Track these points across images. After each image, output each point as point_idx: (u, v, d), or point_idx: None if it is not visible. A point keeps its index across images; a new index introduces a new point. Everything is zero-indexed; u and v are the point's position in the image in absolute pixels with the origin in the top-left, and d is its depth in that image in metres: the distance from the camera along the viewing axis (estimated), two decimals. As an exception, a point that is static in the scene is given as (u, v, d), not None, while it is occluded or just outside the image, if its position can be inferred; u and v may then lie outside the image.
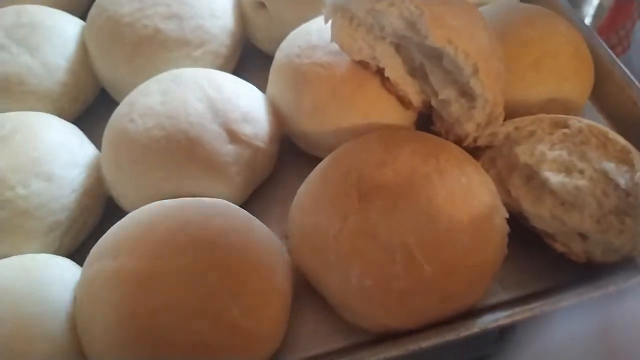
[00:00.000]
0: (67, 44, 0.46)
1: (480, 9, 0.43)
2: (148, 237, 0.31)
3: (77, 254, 0.39)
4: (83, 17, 0.49)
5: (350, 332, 0.35)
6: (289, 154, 0.44)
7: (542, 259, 0.36)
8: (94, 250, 0.33)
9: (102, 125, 0.42)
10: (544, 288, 0.36)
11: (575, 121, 0.34)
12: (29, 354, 0.30)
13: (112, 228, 0.34)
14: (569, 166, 0.33)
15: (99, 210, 0.41)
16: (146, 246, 0.30)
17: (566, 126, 0.34)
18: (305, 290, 0.36)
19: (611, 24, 0.57)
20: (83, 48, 0.47)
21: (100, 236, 0.39)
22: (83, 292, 0.32)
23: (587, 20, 0.62)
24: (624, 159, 0.32)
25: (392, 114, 0.39)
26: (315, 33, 0.41)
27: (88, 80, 0.47)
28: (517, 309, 0.32)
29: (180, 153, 0.36)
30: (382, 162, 0.33)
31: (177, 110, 0.37)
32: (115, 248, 0.31)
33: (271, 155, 0.41)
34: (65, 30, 0.47)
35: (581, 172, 0.33)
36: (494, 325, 0.32)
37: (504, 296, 0.36)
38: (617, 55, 0.42)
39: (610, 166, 0.31)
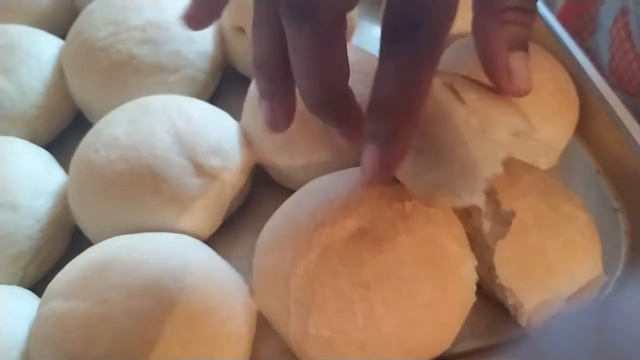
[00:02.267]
0: (44, 66, 0.45)
1: (461, 40, 0.42)
2: (101, 279, 0.30)
3: (43, 284, 0.39)
4: (65, 36, 0.48)
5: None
6: (263, 184, 0.43)
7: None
8: (49, 288, 0.32)
9: (75, 149, 0.42)
10: (517, 335, 0.35)
11: None
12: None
13: (67, 266, 0.33)
14: None
15: (66, 239, 0.40)
16: (98, 288, 0.30)
17: None
18: (269, 332, 0.35)
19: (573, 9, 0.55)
20: (60, 70, 0.46)
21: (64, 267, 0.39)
22: (36, 331, 0.31)
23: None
24: None
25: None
26: (290, 62, 0.40)
27: (64, 103, 0.46)
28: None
29: (143, 187, 0.36)
30: (346, 205, 0.32)
31: (143, 142, 0.36)
32: (67, 288, 0.30)
33: (241, 187, 0.40)
34: (43, 51, 0.46)
35: None
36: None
37: (473, 343, 0.34)
38: (584, 40, 0.40)
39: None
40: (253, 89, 0.41)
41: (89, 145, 0.38)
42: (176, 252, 0.33)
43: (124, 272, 0.30)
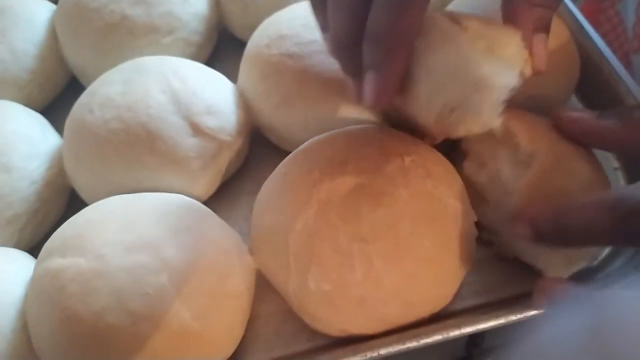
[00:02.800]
0: (36, 30, 0.45)
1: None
2: (97, 235, 0.30)
3: (40, 247, 0.38)
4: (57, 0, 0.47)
5: (312, 334, 0.34)
6: (260, 147, 0.42)
7: (513, 264, 0.35)
8: (45, 247, 0.32)
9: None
10: (514, 294, 0.35)
11: None
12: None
13: (63, 225, 0.33)
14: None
15: (62, 202, 0.40)
16: (94, 245, 0.29)
17: None
18: (268, 290, 0.35)
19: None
20: (53, 34, 0.45)
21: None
22: (32, 290, 0.31)
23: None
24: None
25: (364, 110, 0.37)
26: (285, 22, 0.39)
27: (58, 67, 0.45)
28: (482, 317, 0.31)
29: (139, 146, 0.35)
30: (344, 161, 0.31)
31: (138, 101, 0.36)
32: (64, 246, 0.30)
33: (238, 149, 0.39)
34: (36, 15, 0.45)
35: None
36: (457, 332, 0.31)
37: (471, 301, 0.34)
38: (613, 4, 0.40)
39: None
40: (250, 47, 0.41)
41: (83, 105, 0.37)
42: (173, 210, 0.32)
43: (120, 229, 0.30)
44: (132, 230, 0.30)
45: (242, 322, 0.32)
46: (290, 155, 0.35)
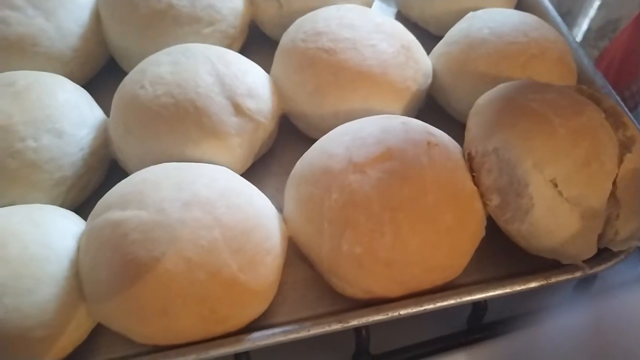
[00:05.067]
0: (81, 11, 0.47)
1: (474, 13, 0.46)
2: (156, 191, 0.33)
3: (78, 212, 0.41)
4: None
5: (335, 299, 0.37)
6: (287, 134, 0.46)
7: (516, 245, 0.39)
8: (101, 203, 0.35)
9: (107, 92, 0.44)
10: (517, 271, 0.39)
11: None
12: (33, 292, 0.32)
13: (118, 185, 0.36)
14: None
15: (102, 171, 0.43)
16: (154, 200, 0.33)
17: None
18: (294, 259, 0.39)
19: (621, 78, 0.58)
20: (96, 16, 0.48)
21: (101, 197, 0.42)
22: (90, 239, 0.34)
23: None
24: None
25: (391, 102, 0.42)
26: (321, 21, 0.44)
27: (98, 47, 0.48)
28: (490, 286, 0.35)
29: (187, 120, 0.38)
30: (377, 142, 0.35)
31: (187, 80, 0.39)
32: (124, 200, 0.33)
33: (271, 131, 0.43)
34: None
35: None
36: (468, 298, 0.35)
37: (478, 277, 0.39)
38: (631, 110, 0.44)
39: None
40: (286, 40, 0.45)
41: (134, 82, 0.41)
42: (220, 177, 0.36)
43: (177, 188, 0.33)
44: (188, 190, 0.33)
45: (276, 282, 0.35)
46: (324, 136, 0.39)
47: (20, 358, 0.32)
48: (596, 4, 0.76)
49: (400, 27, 0.45)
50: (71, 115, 0.40)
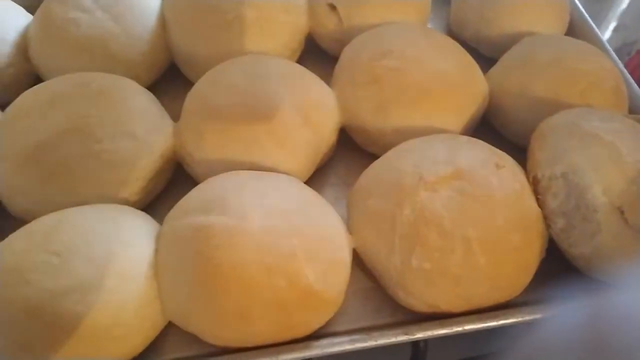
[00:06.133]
0: (148, 16, 0.49)
1: (531, 37, 0.48)
2: (236, 200, 0.34)
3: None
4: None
5: (394, 310, 0.39)
6: (343, 146, 0.47)
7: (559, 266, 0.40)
8: (181, 206, 0.36)
9: (167, 97, 0.45)
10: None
11: None
12: (115, 290, 0.33)
13: (196, 190, 0.37)
14: None
15: (169, 174, 0.44)
16: (235, 207, 0.34)
17: None
18: (354, 270, 0.40)
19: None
20: (162, 21, 0.49)
21: (166, 199, 0.43)
22: (171, 241, 0.35)
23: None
24: None
25: (451, 121, 0.43)
26: (386, 39, 0.45)
27: (163, 52, 0.50)
28: (542, 307, 0.36)
29: (260, 129, 0.40)
30: (446, 161, 0.37)
31: (260, 90, 0.41)
32: (206, 206, 0.34)
33: (332, 143, 0.44)
34: (148, 3, 0.50)
35: None
36: (529, 318, 0.36)
37: (526, 297, 0.39)
38: None
39: None
40: (349, 56, 0.46)
41: (206, 89, 0.42)
42: (294, 187, 0.37)
43: (257, 196, 0.34)
44: (266, 198, 0.35)
45: (344, 291, 0.36)
46: (390, 152, 0.40)
47: (97, 354, 0.33)
48: (612, 26, 0.78)
49: (460, 48, 0.47)
50: (143, 118, 0.41)
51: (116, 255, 0.34)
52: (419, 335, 0.35)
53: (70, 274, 0.32)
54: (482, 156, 0.37)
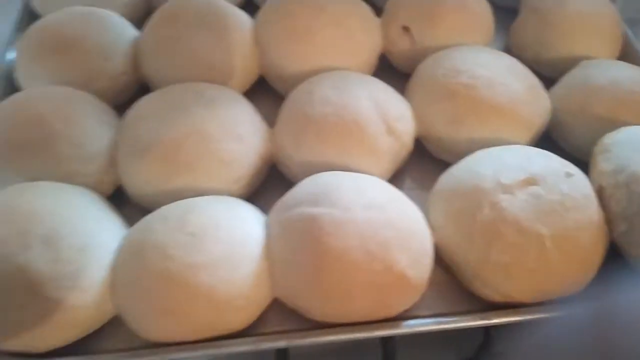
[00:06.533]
0: (245, 32, 0.55)
1: (589, 61, 0.53)
2: (339, 195, 0.40)
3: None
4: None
5: (463, 300, 0.43)
6: (416, 155, 0.52)
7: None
8: (289, 199, 0.42)
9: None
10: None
11: None
12: (238, 268, 0.38)
13: (301, 185, 0.43)
14: None
15: (264, 175, 0.49)
16: (340, 201, 0.39)
17: None
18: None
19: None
20: (255, 39, 0.55)
21: (261, 197, 0.48)
22: (285, 228, 0.40)
23: None
24: None
25: (519, 134, 0.48)
26: (459, 59, 0.51)
27: (255, 66, 0.55)
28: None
29: (351, 137, 0.45)
30: (521, 168, 0.42)
31: (350, 103, 0.46)
32: (314, 199, 0.40)
33: (409, 151, 0.50)
34: (242, 21, 0.56)
35: None
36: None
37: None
38: None
39: None
40: (424, 73, 0.51)
41: (303, 100, 0.48)
42: (384, 186, 0.42)
43: (355, 192, 0.40)
44: (364, 194, 0.40)
45: (428, 279, 0.41)
46: (469, 158, 0.45)
47: (222, 321, 0.38)
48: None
49: (526, 69, 0.52)
50: (247, 124, 0.47)
51: (238, 237, 0.39)
52: (495, 320, 0.40)
53: (204, 252, 0.38)
54: (553, 165, 0.42)
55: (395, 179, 0.51)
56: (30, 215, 0.39)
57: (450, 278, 0.44)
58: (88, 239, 0.39)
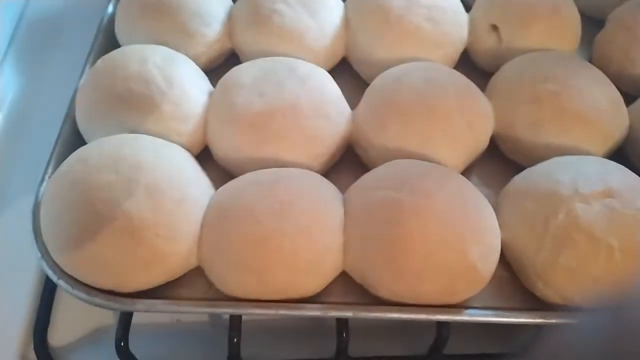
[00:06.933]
0: (336, 15, 0.57)
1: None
2: (422, 182, 0.42)
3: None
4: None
5: (522, 297, 0.45)
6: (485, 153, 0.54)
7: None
8: (368, 180, 0.44)
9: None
10: None
11: None
12: (319, 238, 0.41)
13: (382, 169, 0.45)
14: None
15: (341, 154, 0.52)
16: (422, 188, 0.41)
17: None
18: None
19: None
20: (346, 22, 0.57)
21: (333, 174, 0.50)
22: (362, 207, 0.43)
23: None
24: None
25: (597, 145, 0.49)
26: (547, 65, 0.51)
27: (341, 48, 0.58)
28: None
29: (434, 128, 0.47)
30: (600, 179, 0.43)
31: (437, 94, 0.48)
32: (395, 185, 0.42)
33: (484, 148, 0.51)
34: (336, 3, 0.58)
35: None
36: None
37: None
38: None
39: None
40: (508, 75, 0.52)
41: (389, 88, 0.50)
42: (463, 181, 0.45)
43: (439, 183, 0.42)
44: (445, 185, 0.42)
45: (493, 272, 0.43)
46: (547, 162, 0.46)
47: (297, 286, 0.41)
48: None
49: (610, 83, 0.52)
50: (335, 103, 0.50)
51: (320, 210, 0.42)
52: (554, 320, 0.42)
53: (290, 220, 0.40)
54: (630, 181, 0.43)
55: (466, 173, 0.53)
56: (135, 165, 0.42)
57: (508, 275, 0.46)
58: (183, 193, 0.43)
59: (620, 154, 0.53)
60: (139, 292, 0.42)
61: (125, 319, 0.42)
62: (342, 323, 0.43)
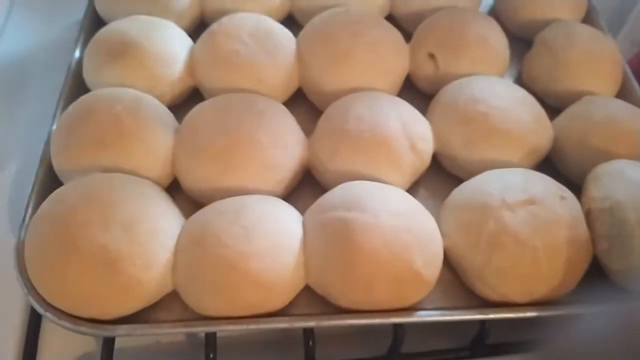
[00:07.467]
0: (288, 51, 0.62)
1: (590, 97, 0.60)
2: (369, 202, 0.47)
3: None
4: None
5: (467, 297, 0.51)
6: (431, 169, 0.60)
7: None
8: (323, 202, 0.49)
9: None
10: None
11: None
12: (281, 258, 0.46)
13: (335, 191, 0.50)
14: None
15: (300, 178, 0.57)
16: (371, 208, 0.47)
17: None
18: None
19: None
20: (298, 57, 0.63)
21: (295, 197, 0.56)
22: (321, 228, 0.47)
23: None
24: None
25: (525, 159, 0.55)
26: (477, 88, 0.58)
27: (295, 81, 0.63)
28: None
29: (380, 152, 0.53)
30: (523, 189, 0.49)
31: (381, 122, 0.54)
32: (347, 205, 0.47)
33: (427, 166, 0.57)
34: (287, 45, 0.63)
35: None
36: (576, 311, 0.48)
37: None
38: None
39: None
40: (444, 99, 0.59)
41: (339, 117, 0.55)
42: (406, 197, 0.50)
43: (383, 201, 0.48)
44: (391, 203, 0.48)
45: (437, 277, 0.49)
46: (480, 176, 0.52)
47: (265, 302, 0.46)
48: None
49: (533, 100, 0.59)
50: (291, 133, 0.55)
51: (281, 232, 0.47)
52: (491, 315, 0.48)
53: (254, 243, 0.45)
54: (550, 188, 0.50)
55: (411, 188, 0.58)
56: (109, 203, 0.47)
57: (453, 277, 0.52)
58: (156, 224, 0.47)
59: (547, 163, 0.60)
60: (121, 318, 0.47)
61: (108, 344, 0.46)
62: (308, 332, 0.48)
